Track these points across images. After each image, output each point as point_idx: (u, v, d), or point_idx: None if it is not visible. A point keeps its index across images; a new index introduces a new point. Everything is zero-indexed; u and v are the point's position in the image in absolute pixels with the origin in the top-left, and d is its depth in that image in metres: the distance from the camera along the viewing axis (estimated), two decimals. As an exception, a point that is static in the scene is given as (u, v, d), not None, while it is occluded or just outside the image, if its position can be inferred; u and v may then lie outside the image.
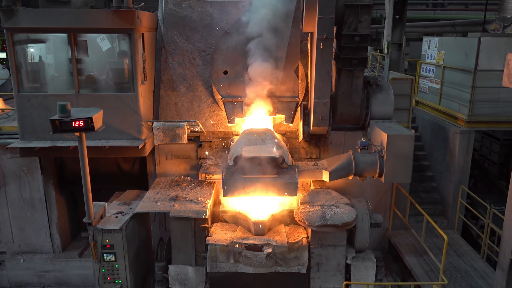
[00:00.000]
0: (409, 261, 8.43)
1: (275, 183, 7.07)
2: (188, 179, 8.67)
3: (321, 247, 7.21)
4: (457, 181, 10.08)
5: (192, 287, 7.32)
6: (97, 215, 7.14)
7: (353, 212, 7.18)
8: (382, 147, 7.44)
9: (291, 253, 7.12)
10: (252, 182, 7.01)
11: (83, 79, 8.02)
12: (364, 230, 7.30)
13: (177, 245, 7.27)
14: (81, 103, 7.83)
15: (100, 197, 7.77)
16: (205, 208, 7.29)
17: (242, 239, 7.22)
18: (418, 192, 10.75)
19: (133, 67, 7.85)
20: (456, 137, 10.07)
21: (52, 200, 9.23)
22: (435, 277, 7.80)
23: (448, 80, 10.96)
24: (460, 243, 9.27)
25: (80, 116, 6.13)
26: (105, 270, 7.30)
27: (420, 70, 12.45)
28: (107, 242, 7.18)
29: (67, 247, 9.72)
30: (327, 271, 7.30)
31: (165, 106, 8.84)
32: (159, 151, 8.90)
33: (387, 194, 9.30)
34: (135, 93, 7.95)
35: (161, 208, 7.38)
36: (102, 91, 8.13)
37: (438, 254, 7.96)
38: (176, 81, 8.88)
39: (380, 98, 8.26)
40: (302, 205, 7.50)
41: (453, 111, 10.55)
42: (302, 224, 7.21)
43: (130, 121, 8.04)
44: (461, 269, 8.25)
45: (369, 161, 7.54)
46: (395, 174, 7.47)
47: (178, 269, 7.30)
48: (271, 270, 7.09)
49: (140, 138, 8.14)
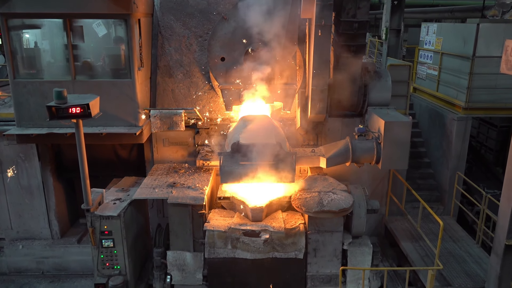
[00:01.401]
0: (405, 246, 8.51)
1: (273, 169, 7.09)
2: (185, 166, 8.68)
3: (318, 233, 7.26)
4: (454, 168, 10.13)
5: (190, 272, 7.39)
6: (95, 201, 7.16)
7: (350, 198, 7.22)
8: (379, 134, 7.45)
9: (288, 239, 7.17)
10: (250, 169, 7.03)
11: (79, 66, 7.96)
12: (360, 216, 7.35)
13: (175, 231, 7.31)
14: (78, 90, 7.79)
15: (97, 184, 7.78)
16: (202, 195, 7.31)
17: (240, 225, 7.26)
18: (415, 179, 10.82)
19: (130, 53, 7.80)
20: (453, 123, 10.09)
21: (50, 187, 9.24)
22: (430, 262, 7.90)
23: (446, 66, 10.94)
24: (456, 229, 9.36)
25: (77, 103, 6.10)
26: (104, 256, 7.35)
27: (418, 57, 12.41)
28: (105, 228, 7.20)
29: (65, 234, 9.76)
30: (324, 257, 7.37)
31: (162, 93, 8.80)
32: (157, 138, 8.89)
33: (384, 181, 9.35)
34: (132, 80, 7.91)
35: (159, 194, 7.40)
36: (98, 77, 8.08)
37: (434, 240, 8.04)
38: (173, 67, 8.83)
39: (378, 85, 8.24)
40: (299, 191, 7.54)
41: (451, 98, 10.56)
42: (300, 210, 7.25)
43: (127, 107, 8.01)
44: (456, 254, 8.34)
45: (366, 148, 7.56)
46: (392, 160, 7.50)
47: (176, 255, 7.36)
48: (269, 255, 7.15)
49: (137, 124, 8.12)
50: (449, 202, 10.11)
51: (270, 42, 7.71)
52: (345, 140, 7.73)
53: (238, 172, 7.06)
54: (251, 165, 7.02)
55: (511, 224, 6.68)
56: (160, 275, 7.52)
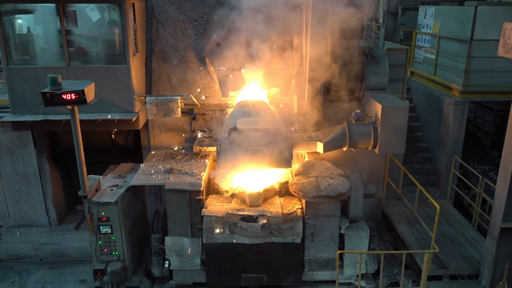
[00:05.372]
0: (401, 230, 8.59)
1: (270, 154, 7.10)
2: (182, 152, 8.68)
3: (315, 217, 7.31)
4: (451, 152, 10.17)
5: (188, 257, 7.45)
6: (92, 188, 7.17)
7: (347, 183, 7.25)
8: (376, 118, 7.45)
9: (285, 223, 7.22)
10: (247, 154, 7.03)
11: (73, 51, 7.89)
12: (357, 201, 7.39)
13: (173, 217, 7.34)
14: (72, 76, 7.73)
15: (94, 171, 7.78)
16: (200, 181, 7.33)
17: (238, 210, 7.29)
18: (412, 163, 10.86)
19: (124, 38, 7.72)
20: (450, 107, 10.09)
21: (47, 174, 9.23)
22: (427, 246, 7.98)
23: (443, 50, 10.89)
24: (452, 212, 9.43)
25: (72, 89, 6.07)
26: (102, 242, 7.40)
27: (416, 40, 12.34)
28: (103, 214, 7.23)
29: (63, 220, 9.79)
30: (321, 241, 7.44)
31: (157, 78, 8.75)
32: (153, 124, 8.87)
33: (381, 165, 9.38)
34: (127, 65, 7.85)
35: (156, 180, 7.41)
36: (93, 63, 8.02)
37: (430, 223, 8.11)
38: (168, 52, 8.76)
39: (375, 69, 8.22)
40: (296, 176, 7.56)
41: (448, 82, 10.54)
42: (297, 195, 7.29)
43: (123, 93, 7.96)
44: (453, 237, 8.42)
45: (363, 132, 7.57)
46: (389, 145, 7.52)
47: (174, 241, 7.41)
48: (266, 240, 7.20)
49: (133, 111, 8.09)
50: (446, 186, 10.17)
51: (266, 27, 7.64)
52: (342, 125, 7.73)
53: (235, 158, 7.06)
54: (248, 151, 7.02)
55: (507, 207, 6.73)
56: (158, 260, 7.58)
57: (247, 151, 7.03)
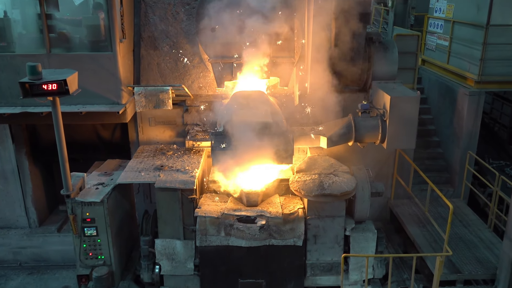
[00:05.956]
0: (411, 231, 8.62)
1: (269, 150, 7.10)
2: (174, 147, 8.68)
3: (318, 218, 7.34)
4: (465, 147, 10.20)
5: (180, 261, 7.47)
6: (76, 186, 7.17)
7: (352, 181, 7.28)
8: (384, 111, 7.46)
9: (286, 224, 7.24)
10: (244, 150, 7.04)
11: (54, 37, 7.86)
12: (364, 200, 7.42)
13: (164, 218, 7.36)
14: (53, 64, 7.70)
15: (78, 168, 7.78)
16: (193, 178, 7.34)
17: (234, 210, 7.31)
18: (423, 159, 10.88)
19: (110, 23, 7.69)
20: (465, 99, 10.11)
21: (26, 172, 9.22)
22: (439, 248, 8.01)
23: (457, 36, 10.90)
24: (466, 212, 9.47)
25: (53, 79, 6.05)
26: (86, 246, 7.40)
27: (428, 26, 12.34)
28: (88, 215, 7.24)
29: (44, 222, 9.80)
30: (324, 243, 7.46)
31: (146, 67, 8.73)
32: (142, 117, 8.86)
33: (389, 161, 9.40)
34: (113, 53, 7.82)
35: (145, 178, 7.41)
36: (76, 50, 8.01)
37: (443, 224, 8.15)
38: (158, 38, 8.73)
39: (383, 57, 8.21)
40: (298, 173, 7.58)
41: (463, 71, 10.55)
42: (298, 194, 7.31)
43: (109, 83, 7.95)
44: (467, 239, 8.46)
45: (370, 126, 7.58)
46: (399, 139, 7.53)
47: (165, 243, 7.42)
48: (265, 243, 7.22)
49: (120, 102, 8.08)
50: (460, 184, 10.21)
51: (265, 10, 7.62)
52: (348, 118, 7.74)
53: (231, 154, 7.07)
54: (246, 146, 7.03)
55: (526, 206, 6.77)
56: (148, 265, 7.60)
57: (244, 146, 7.03)
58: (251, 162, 7.21)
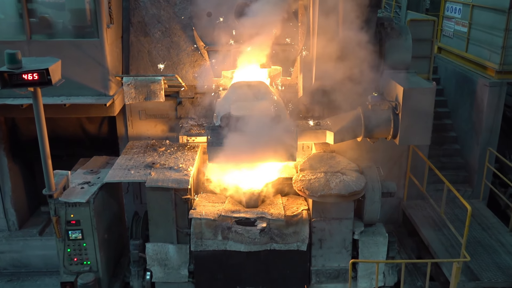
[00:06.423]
0: (426, 235, 8.64)
1: (270, 146, 7.09)
2: (166, 143, 8.67)
3: (324, 220, 7.34)
4: (485, 143, 10.19)
5: (173, 268, 7.48)
6: (59, 186, 7.16)
7: (361, 180, 7.27)
8: (397, 103, 7.45)
9: (289, 227, 7.25)
10: (243, 145, 7.03)
11: (35, 22, 7.84)
12: (374, 201, 7.42)
13: (155, 220, 7.36)
14: (34, 52, 7.69)
15: (62, 165, 7.77)
16: (187, 177, 7.34)
17: (232, 212, 7.32)
18: (439, 156, 10.89)
19: (97, 6, 7.67)
20: (484, 90, 10.09)
21: (4, 169, 9.21)
22: (456, 254, 8.03)
23: (477, 21, 10.87)
24: (486, 214, 9.48)
25: (34, 68, 6.03)
26: (71, 250, 7.40)
27: (444, 10, 12.31)
28: (72, 217, 7.23)
29: (24, 224, 9.79)
30: (331, 248, 7.48)
31: (136, 55, 8.72)
32: (131, 110, 8.86)
33: (402, 159, 9.40)
34: (99, 39, 7.81)
35: (135, 177, 7.42)
36: (59, 37, 7.98)
37: (460, 228, 8.14)
38: (149, 24, 8.71)
39: (396, 44, 8.19)
40: (302, 172, 7.58)
41: (482, 60, 10.53)
42: (302, 194, 7.31)
43: (95, 73, 7.94)
44: (486, 244, 8.48)
45: (381, 120, 7.58)
46: (412, 134, 7.53)
47: (157, 248, 7.43)
48: (266, 247, 7.23)
49: (108, 94, 8.06)
50: (479, 184, 10.21)
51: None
52: (356, 111, 7.73)
53: (229, 150, 7.06)
54: (245, 141, 7.01)
55: (551, 208, 6.77)
56: (138, 271, 7.61)
57: (243, 142, 7.02)
58: (251, 159, 7.21)
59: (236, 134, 7.06)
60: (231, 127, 7.12)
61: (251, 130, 7.03)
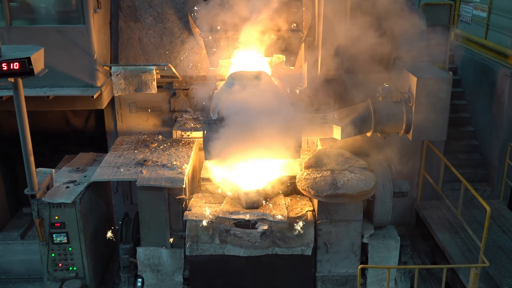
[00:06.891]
0: (441, 239, 8.65)
1: (272, 142, 7.10)
2: (159, 138, 8.68)
3: (330, 222, 7.36)
4: (505, 138, 10.19)
5: (167, 274, 7.50)
6: (42, 185, 7.18)
7: (371, 179, 7.28)
8: (410, 95, 7.45)
9: (292, 230, 7.26)
10: (242, 141, 7.03)
11: (16, 7, 7.84)
12: (385, 201, 7.44)
13: (147, 222, 7.37)
14: (15, 39, 7.69)
15: (45, 163, 7.78)
16: (182, 175, 7.35)
17: (230, 213, 7.33)
18: (455, 153, 10.89)
19: (82, -11, 7.69)
20: (505, 80, 10.09)
21: (-17, 167, 9.24)
22: (474, 259, 8.04)
23: (497, 6, 10.85)
24: (507, 216, 9.50)
25: (14, 56, 6.03)
26: (56, 255, 7.43)
27: (462, -7, 12.30)
28: (57, 219, 7.26)
29: (5, 227, 9.79)
30: (338, 253, 7.49)
31: (126, 42, 8.72)
32: (121, 102, 8.87)
33: (415, 156, 9.41)
34: (86, 26, 7.81)
35: (125, 175, 7.42)
36: (42, 23, 7.98)
37: (478, 230, 8.16)
38: (139, 8, 8.72)
39: (409, 31, 8.18)
40: (306, 169, 7.59)
41: (503, 47, 10.52)
42: (307, 193, 7.32)
43: (81, 62, 7.95)
44: (507, 248, 8.49)
45: (393, 113, 7.58)
46: (426, 129, 7.53)
47: (148, 252, 7.45)
48: (268, 252, 7.25)
49: (95, 85, 8.07)
50: (499, 182, 10.22)
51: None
52: (366, 103, 7.73)
53: (227, 146, 7.06)
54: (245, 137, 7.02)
55: None
56: (129, 277, 7.63)
57: (243, 137, 7.03)
58: (251, 156, 7.21)
59: (235, 129, 7.07)
60: (230, 121, 7.12)
61: (251, 124, 7.03)
